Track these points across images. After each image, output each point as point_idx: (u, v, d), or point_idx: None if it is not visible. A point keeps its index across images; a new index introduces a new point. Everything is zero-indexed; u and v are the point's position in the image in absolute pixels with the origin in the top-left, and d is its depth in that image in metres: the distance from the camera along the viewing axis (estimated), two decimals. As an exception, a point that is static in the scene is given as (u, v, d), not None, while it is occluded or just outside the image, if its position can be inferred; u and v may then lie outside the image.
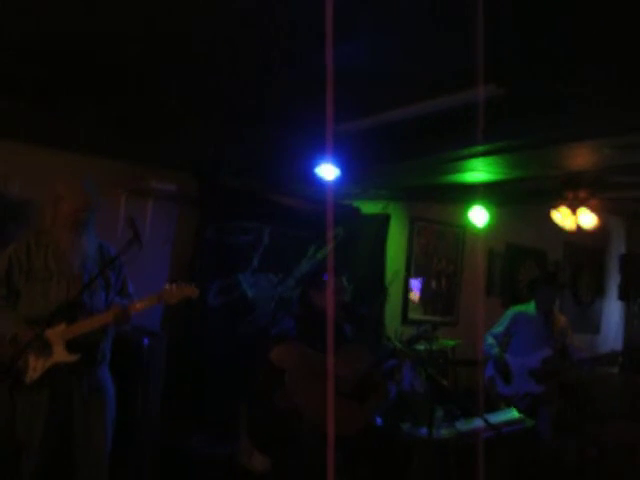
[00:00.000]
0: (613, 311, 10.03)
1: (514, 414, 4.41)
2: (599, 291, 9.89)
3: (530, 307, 6.45)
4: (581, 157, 5.63)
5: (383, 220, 7.13)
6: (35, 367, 3.86)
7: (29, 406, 3.91)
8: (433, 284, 7.85)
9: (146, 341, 5.17)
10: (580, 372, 7.12)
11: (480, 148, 4.80)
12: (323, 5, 2.18)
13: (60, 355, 3.87)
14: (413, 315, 7.54)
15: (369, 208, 7.08)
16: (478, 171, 5.84)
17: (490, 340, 6.37)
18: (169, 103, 4.69)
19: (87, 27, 3.51)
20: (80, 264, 4.04)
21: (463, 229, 7.93)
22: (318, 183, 5.58)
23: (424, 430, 4.57)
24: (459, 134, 4.66)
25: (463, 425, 4.45)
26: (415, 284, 7.66)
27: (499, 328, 6.45)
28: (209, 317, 5.86)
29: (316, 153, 5.20)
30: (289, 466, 4.45)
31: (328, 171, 5.31)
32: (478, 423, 4.26)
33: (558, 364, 6.15)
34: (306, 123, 4.39)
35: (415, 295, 7.65)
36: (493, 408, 4.64)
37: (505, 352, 6.27)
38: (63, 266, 4.00)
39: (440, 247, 7.90)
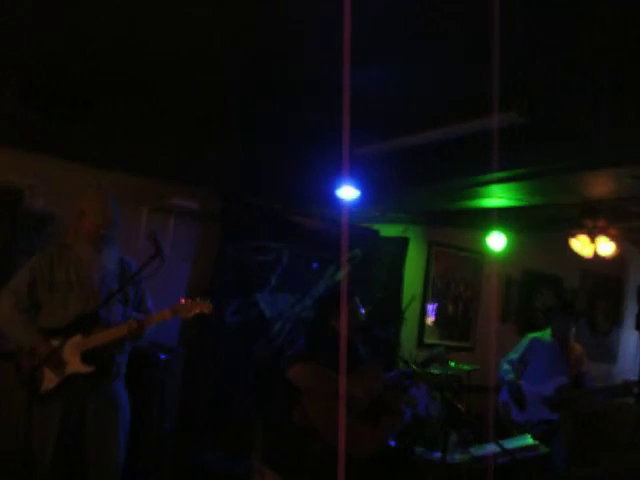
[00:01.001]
0: (630, 341, 9.97)
1: (529, 440, 4.39)
2: (616, 320, 9.84)
3: (546, 334, 6.44)
4: (601, 185, 5.63)
5: (402, 243, 7.15)
6: (50, 378, 3.90)
7: (43, 417, 3.94)
8: (450, 309, 7.85)
9: (163, 357, 5.21)
10: (595, 401, 7.08)
11: (498, 175, 4.82)
12: (343, 28, 2.23)
13: (75, 366, 3.91)
14: (429, 339, 7.54)
15: (388, 231, 7.12)
16: (497, 197, 5.85)
17: (506, 366, 6.36)
18: (194, 121, 4.76)
19: (118, 41, 3.58)
20: (100, 278, 4.09)
21: (481, 254, 7.93)
22: (338, 205, 5.62)
23: (438, 454, 4.58)
24: (478, 160, 4.68)
25: (477, 450, 4.44)
26: (432, 308, 7.67)
27: (515, 355, 6.44)
28: (226, 335, 5.89)
29: (337, 175, 5.24)
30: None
31: (348, 193, 5.35)
32: (492, 448, 4.25)
33: (573, 393, 6.12)
34: (328, 145, 4.44)
35: (431, 320, 7.66)
36: (507, 434, 4.63)
37: (520, 379, 6.26)
38: (83, 279, 4.05)
39: (458, 272, 7.90)
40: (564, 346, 6.34)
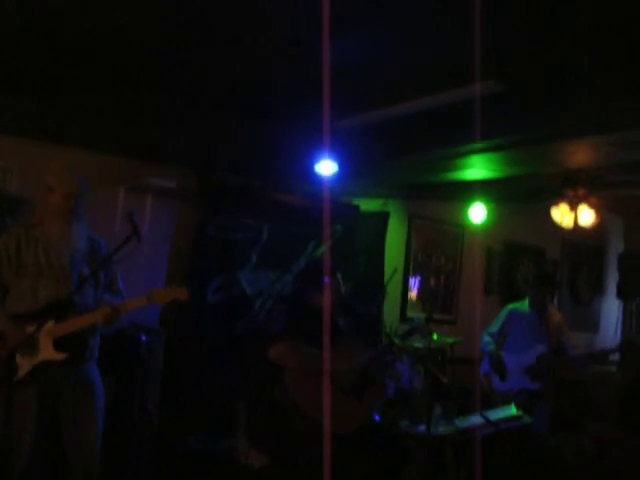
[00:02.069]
0: (611, 310, 10.03)
1: (512, 410, 4.39)
2: (597, 289, 9.90)
3: (524, 305, 6.46)
4: (581, 154, 5.63)
5: (382, 217, 7.12)
6: (22, 365, 3.81)
7: (19, 404, 3.88)
8: (432, 282, 7.85)
9: (144, 338, 5.16)
10: (576, 369, 7.11)
11: (479, 145, 4.80)
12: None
13: (48, 353, 3.84)
14: (411, 313, 7.54)
15: (368, 205, 7.08)
16: (477, 168, 5.84)
17: (486, 338, 6.38)
18: (169, 99, 4.68)
19: (88, 22, 3.50)
20: (70, 259, 4.01)
21: (462, 227, 7.92)
22: (318, 180, 5.58)
23: (422, 427, 4.58)
24: (458, 131, 4.66)
25: (461, 422, 4.44)
26: (414, 282, 7.67)
27: (494, 326, 6.47)
28: (207, 314, 5.85)
29: (316, 150, 5.19)
30: (287, 463, 4.45)
31: (327, 168, 5.31)
32: (476, 420, 4.26)
33: (553, 361, 6.14)
34: (306, 120, 4.39)
35: (413, 294, 7.66)
36: (490, 405, 4.64)
37: (501, 349, 6.28)
38: (52, 260, 3.96)
39: (439, 245, 7.90)
40: (543, 315, 6.36)
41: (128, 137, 5.34)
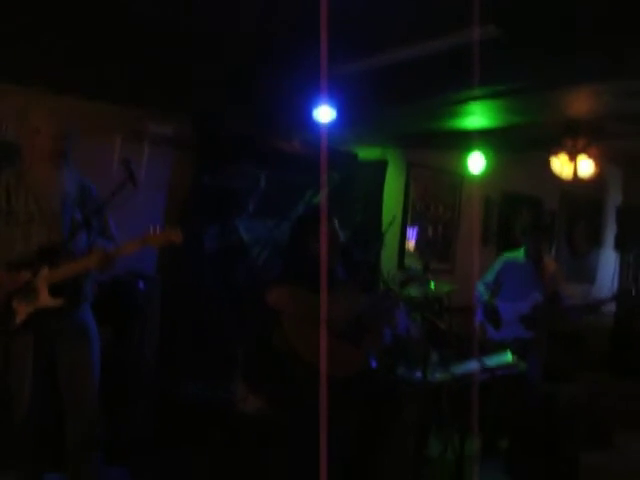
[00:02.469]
0: (609, 262, 10.07)
1: (508, 357, 4.42)
2: (595, 241, 9.91)
3: (520, 254, 6.45)
4: (581, 103, 5.59)
5: (380, 166, 7.09)
6: (19, 312, 3.81)
7: (16, 351, 3.90)
8: (430, 231, 7.85)
9: (141, 285, 5.16)
10: (571, 319, 7.15)
11: (478, 91, 4.75)
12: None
13: (44, 300, 3.82)
14: (409, 262, 7.55)
15: (366, 154, 7.04)
16: (476, 116, 5.80)
17: (481, 288, 6.39)
18: (167, 46, 4.61)
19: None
20: (61, 204, 3.96)
21: (461, 176, 7.89)
22: (316, 127, 5.53)
23: (419, 374, 4.60)
24: (457, 77, 4.60)
25: (458, 368, 4.47)
26: (411, 231, 7.66)
27: (489, 276, 6.47)
28: (205, 262, 5.85)
29: (314, 96, 5.14)
30: (285, 408, 4.48)
31: (325, 115, 5.26)
32: (473, 366, 4.28)
33: (548, 310, 6.16)
34: (304, 66, 4.33)
35: (411, 243, 7.66)
36: (485, 353, 4.66)
37: (496, 298, 6.29)
38: (43, 205, 3.91)
39: (437, 194, 7.88)
40: (538, 265, 6.36)
41: (124, 85, 5.27)
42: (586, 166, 6.68)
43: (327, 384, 2.91)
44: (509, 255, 6.55)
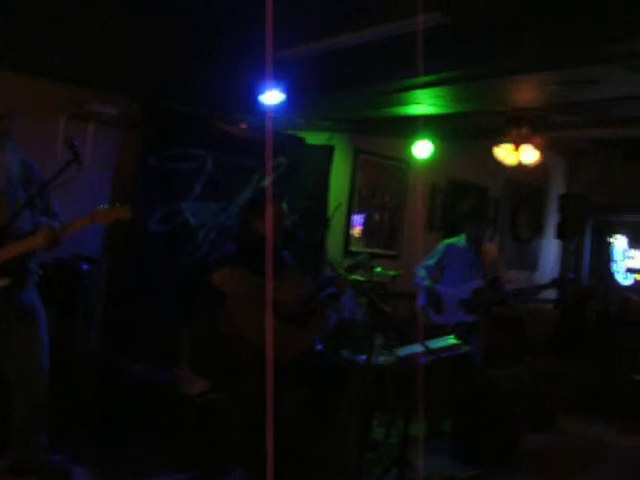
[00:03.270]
0: (550, 249, 10.26)
1: (452, 340, 4.49)
2: (537, 229, 10.08)
3: (461, 240, 6.53)
4: (525, 92, 5.67)
5: (327, 151, 7.11)
6: None
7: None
8: (376, 217, 7.90)
9: (85, 267, 5.12)
10: (511, 304, 7.29)
11: (423, 79, 4.78)
12: None
13: None
14: (355, 247, 7.60)
15: (313, 139, 7.05)
16: (422, 104, 5.84)
17: (422, 272, 6.44)
18: (113, 25, 4.55)
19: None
20: (4, 182, 3.91)
21: (407, 163, 7.95)
22: (263, 111, 5.52)
23: (363, 357, 4.65)
24: (402, 64, 4.63)
25: (402, 351, 4.52)
26: (357, 218, 7.70)
27: (431, 260, 6.52)
28: (150, 244, 5.80)
29: (261, 80, 5.13)
30: (230, 390, 4.50)
31: (271, 98, 5.26)
32: (416, 349, 4.34)
33: (488, 295, 6.27)
34: (250, 49, 4.32)
35: (357, 229, 7.70)
36: (429, 337, 4.72)
37: (437, 283, 6.37)
38: None
39: (384, 180, 7.93)
40: (479, 251, 6.45)
41: (69, 63, 5.19)
42: (529, 155, 6.80)
43: (272, 366, 2.93)
44: (451, 240, 6.62)
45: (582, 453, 6.18)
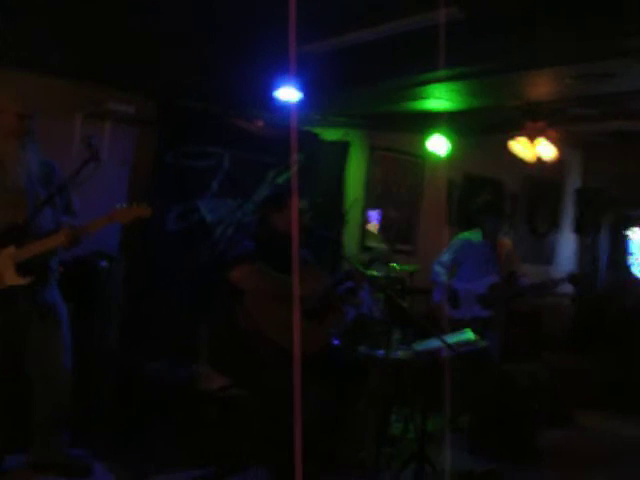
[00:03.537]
0: (567, 243, 10.21)
1: (470, 335, 4.48)
2: (554, 223, 10.03)
3: (477, 235, 6.50)
4: (542, 86, 5.65)
5: (343, 147, 7.11)
6: None
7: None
8: (392, 213, 7.89)
9: (103, 264, 5.14)
10: (527, 299, 7.25)
11: (441, 73, 4.78)
12: None
13: (11, 279, 3.83)
14: (371, 243, 7.59)
15: (329, 135, 7.04)
16: (439, 98, 5.84)
17: (438, 268, 6.42)
18: (128, 24, 4.57)
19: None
20: (25, 181, 3.96)
21: (422, 158, 7.94)
22: (279, 108, 5.53)
23: (381, 351, 4.66)
24: (420, 58, 4.63)
25: (419, 346, 4.52)
26: (374, 214, 7.70)
27: (446, 256, 6.49)
28: (167, 242, 5.82)
29: (277, 76, 5.14)
30: (250, 386, 4.50)
31: (289, 95, 5.26)
32: (434, 344, 4.33)
33: (504, 290, 6.25)
34: (267, 45, 4.33)
35: (373, 225, 7.69)
36: (445, 332, 4.71)
37: (453, 278, 6.36)
38: (8, 184, 3.92)
39: (399, 176, 7.91)
40: (495, 246, 6.43)
41: (86, 62, 5.21)
42: (546, 149, 6.76)
43: (290, 361, 2.93)
44: (466, 235, 6.59)
45: (600, 449, 6.17)
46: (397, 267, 5.79)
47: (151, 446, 4.93)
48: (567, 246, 10.22)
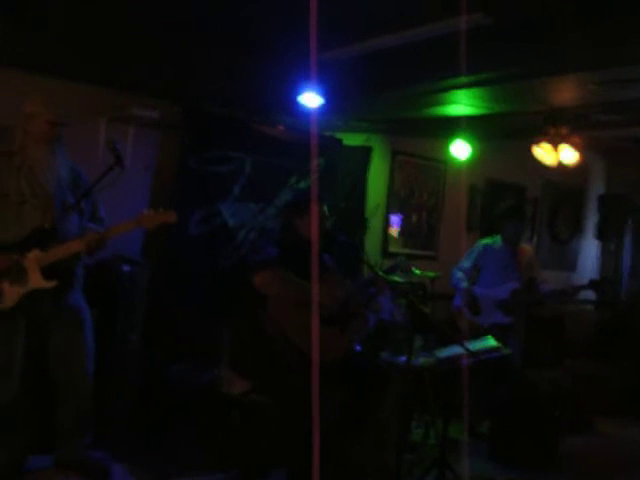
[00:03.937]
0: (590, 249, 10.15)
1: (491, 342, 4.46)
2: (576, 229, 9.97)
3: (497, 240, 6.48)
4: (565, 92, 5.62)
5: (365, 152, 7.11)
6: (11, 294, 3.84)
7: (6, 333, 3.92)
8: (414, 218, 7.88)
9: (126, 268, 5.17)
10: (549, 305, 7.21)
11: (463, 79, 4.77)
12: None
13: (36, 282, 3.85)
14: (393, 248, 7.58)
15: (351, 140, 7.05)
16: (461, 104, 5.82)
17: (459, 274, 6.41)
18: (152, 29, 4.60)
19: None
20: (54, 186, 4.00)
21: (444, 163, 7.93)
22: (301, 113, 5.54)
23: (403, 358, 4.64)
24: (443, 64, 4.63)
25: (441, 353, 4.51)
26: (395, 219, 7.69)
27: (467, 262, 6.49)
28: (189, 246, 5.84)
29: (300, 82, 5.15)
30: (274, 391, 4.51)
31: (311, 100, 5.27)
32: (456, 351, 4.32)
33: (525, 296, 6.22)
34: (290, 51, 4.34)
35: (395, 230, 7.69)
36: (466, 338, 4.70)
37: (474, 284, 6.34)
38: (37, 188, 3.95)
39: (421, 181, 7.90)
40: (515, 252, 6.41)
41: (110, 68, 5.24)
42: (568, 154, 6.73)
43: (313, 368, 2.93)
44: (487, 241, 6.58)
45: (621, 456, 6.12)
46: (419, 272, 5.80)
47: (172, 449, 4.97)
48: (590, 252, 10.16)
